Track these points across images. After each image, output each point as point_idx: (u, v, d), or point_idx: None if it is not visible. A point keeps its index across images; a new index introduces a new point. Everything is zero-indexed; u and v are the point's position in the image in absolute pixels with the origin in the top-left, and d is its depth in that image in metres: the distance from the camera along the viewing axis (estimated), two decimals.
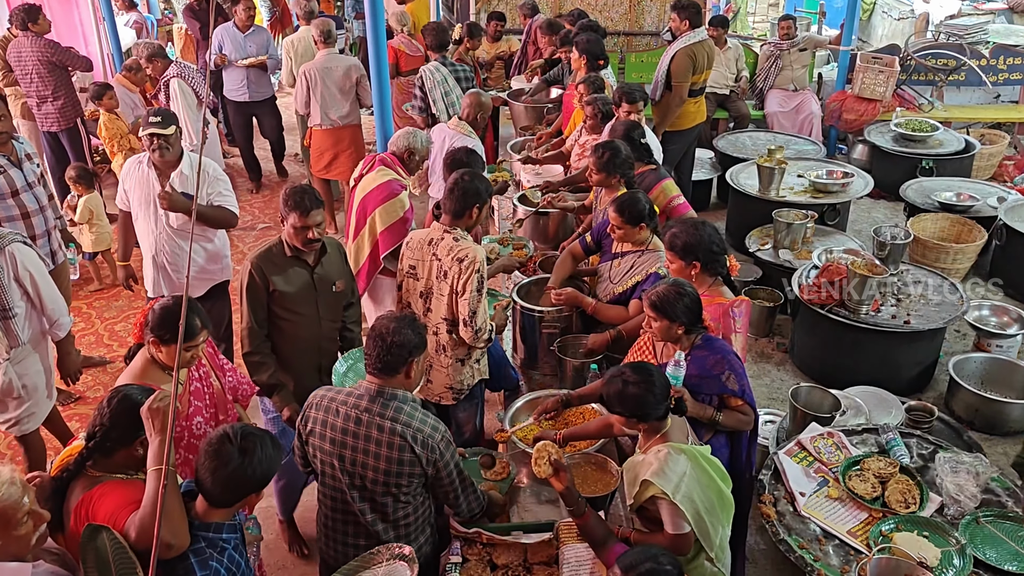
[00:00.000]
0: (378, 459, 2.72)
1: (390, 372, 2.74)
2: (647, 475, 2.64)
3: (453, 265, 3.53)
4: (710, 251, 3.38)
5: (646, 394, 2.65)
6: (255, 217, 8.06)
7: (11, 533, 2.14)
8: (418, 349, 2.76)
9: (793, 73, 8.49)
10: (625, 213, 3.76)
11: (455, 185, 3.62)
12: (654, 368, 2.77)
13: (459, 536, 2.94)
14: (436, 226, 3.67)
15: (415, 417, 2.73)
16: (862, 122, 8.20)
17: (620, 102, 5.02)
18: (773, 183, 6.44)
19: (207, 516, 2.39)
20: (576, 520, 2.73)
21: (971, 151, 7.50)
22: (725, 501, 2.72)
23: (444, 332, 3.67)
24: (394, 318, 2.77)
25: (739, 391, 3.10)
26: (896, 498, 3.31)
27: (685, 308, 3.05)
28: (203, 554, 2.35)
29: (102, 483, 2.46)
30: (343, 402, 2.78)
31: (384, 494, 2.77)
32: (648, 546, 2.45)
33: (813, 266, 5.38)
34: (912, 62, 8.62)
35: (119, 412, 2.48)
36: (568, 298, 3.96)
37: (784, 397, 4.52)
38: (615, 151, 4.20)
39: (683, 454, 2.65)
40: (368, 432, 2.72)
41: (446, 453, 2.75)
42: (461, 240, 3.59)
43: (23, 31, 6.80)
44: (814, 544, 3.19)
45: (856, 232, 6.75)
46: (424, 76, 6.49)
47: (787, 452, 3.62)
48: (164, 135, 4.35)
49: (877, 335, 4.86)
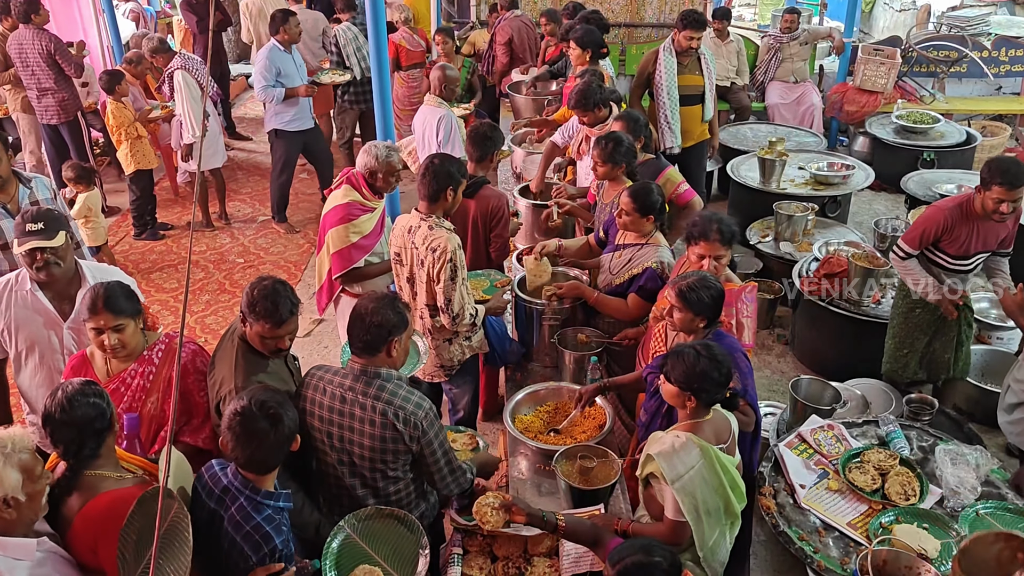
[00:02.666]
0: (363, 436, 2.77)
1: (372, 351, 2.78)
2: (653, 451, 2.67)
3: (428, 255, 3.58)
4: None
5: (712, 371, 2.67)
6: (255, 210, 8.06)
7: (33, 485, 2.27)
8: (398, 328, 2.80)
9: (793, 65, 8.47)
10: (638, 201, 3.78)
11: (427, 170, 3.63)
12: (724, 352, 2.79)
13: (460, 528, 2.95)
14: (414, 214, 3.70)
15: (397, 395, 2.77)
16: (863, 114, 8.18)
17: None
18: (774, 175, 6.44)
19: (262, 484, 2.47)
20: (554, 534, 2.76)
21: (972, 143, 7.49)
22: (732, 513, 2.72)
23: (428, 316, 3.77)
24: (374, 299, 2.83)
25: (741, 390, 3.09)
26: (896, 490, 3.32)
27: (712, 301, 3.07)
28: (274, 521, 2.45)
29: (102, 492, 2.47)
30: (330, 381, 2.84)
31: (372, 470, 2.82)
32: (642, 538, 2.46)
33: (814, 258, 5.38)
34: (913, 54, 8.60)
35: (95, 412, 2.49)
36: (570, 290, 3.97)
37: (784, 389, 4.53)
38: (618, 141, 4.20)
39: (699, 448, 2.66)
40: (352, 410, 2.78)
41: (429, 431, 2.77)
42: (436, 228, 3.60)
43: (24, 23, 6.79)
44: (814, 536, 3.19)
45: (857, 224, 6.75)
46: (338, 35, 7.61)
47: (787, 444, 3.63)
48: (51, 248, 3.24)
49: (878, 327, 4.86)
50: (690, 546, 2.68)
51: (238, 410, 2.42)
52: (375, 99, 4.65)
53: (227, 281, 6.70)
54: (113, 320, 2.95)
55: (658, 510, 2.77)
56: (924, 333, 4.42)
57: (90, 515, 2.42)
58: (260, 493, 2.46)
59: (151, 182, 7.26)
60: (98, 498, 2.45)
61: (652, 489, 2.78)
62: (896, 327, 4.52)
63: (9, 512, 2.24)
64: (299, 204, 8.17)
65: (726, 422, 2.84)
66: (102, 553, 2.42)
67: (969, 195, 4.12)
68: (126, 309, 2.99)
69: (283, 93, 6.68)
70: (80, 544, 2.43)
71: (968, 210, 4.09)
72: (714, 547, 2.71)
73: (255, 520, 2.42)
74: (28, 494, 2.26)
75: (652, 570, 2.22)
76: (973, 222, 4.09)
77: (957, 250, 4.14)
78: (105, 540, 2.41)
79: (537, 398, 3.72)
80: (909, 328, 4.45)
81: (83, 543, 2.43)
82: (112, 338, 2.96)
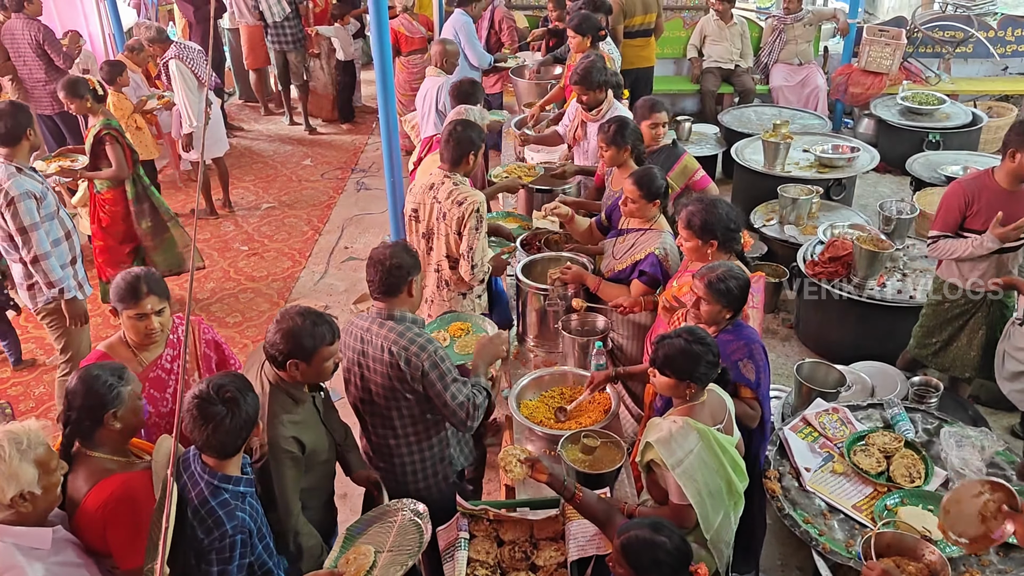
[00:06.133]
0: (375, 373, 3.00)
1: (393, 292, 3.00)
2: (652, 439, 2.68)
3: (453, 207, 3.84)
4: (727, 229, 3.36)
5: (706, 354, 2.67)
6: (259, 197, 8.06)
7: (49, 478, 2.29)
8: (415, 269, 3.04)
9: (798, 47, 8.42)
10: (644, 187, 3.75)
11: (450, 135, 3.91)
12: (709, 335, 2.79)
13: (466, 513, 2.97)
14: (436, 172, 3.96)
15: (404, 336, 2.94)
16: (868, 96, 8.12)
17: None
18: (778, 158, 6.41)
19: (222, 468, 2.46)
20: (571, 503, 2.76)
21: (978, 124, 7.44)
22: (734, 493, 2.72)
23: (447, 268, 4.00)
24: (388, 246, 3.04)
25: (754, 383, 3.07)
26: (901, 472, 3.32)
27: (740, 292, 3.05)
28: (228, 505, 2.42)
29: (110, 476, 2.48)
30: (358, 325, 3.06)
31: (387, 407, 3.04)
32: (648, 517, 2.47)
33: (819, 241, 5.37)
34: (919, 34, 8.53)
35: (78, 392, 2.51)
36: (573, 276, 3.97)
37: (789, 373, 4.53)
38: (622, 123, 4.19)
39: (696, 432, 2.66)
40: (367, 349, 3.00)
41: (431, 372, 2.91)
42: (460, 185, 3.90)
43: (16, 12, 6.76)
44: (819, 519, 3.20)
45: (862, 207, 6.72)
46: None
47: (792, 428, 3.63)
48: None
49: (882, 310, 4.85)
50: (695, 528, 2.69)
51: (196, 393, 2.42)
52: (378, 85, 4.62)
53: (231, 269, 6.71)
54: (159, 303, 2.99)
55: (661, 495, 2.77)
56: (951, 325, 4.35)
57: (99, 497, 2.43)
58: (217, 477, 2.44)
59: (153, 171, 7.26)
60: (106, 481, 2.46)
61: (655, 475, 2.78)
62: (925, 315, 4.47)
63: (25, 505, 2.26)
64: (303, 191, 8.18)
65: (721, 401, 2.85)
66: (111, 536, 2.43)
67: (988, 169, 4.03)
68: (166, 291, 3.05)
69: None
70: (88, 526, 2.45)
71: (989, 182, 3.96)
72: (720, 528, 2.72)
73: (209, 504, 2.40)
74: (43, 487, 2.28)
75: (656, 549, 2.23)
76: (998, 194, 3.93)
77: (983, 224, 3.95)
78: (115, 523, 2.43)
79: (542, 383, 3.72)
80: (937, 319, 4.38)
81: (92, 526, 2.44)
82: (155, 321, 2.98)
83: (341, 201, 7.92)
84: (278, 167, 8.79)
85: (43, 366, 5.49)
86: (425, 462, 3.18)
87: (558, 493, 2.76)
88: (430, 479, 3.21)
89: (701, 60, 8.63)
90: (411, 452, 3.13)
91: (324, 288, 6.41)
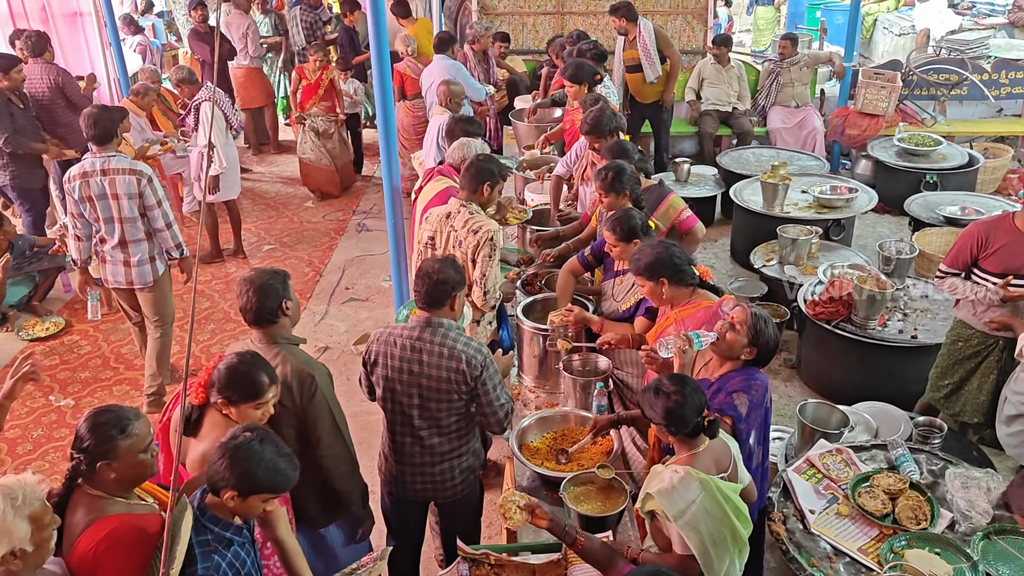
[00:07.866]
0: (429, 378, 3.18)
1: (437, 305, 3.21)
2: (652, 489, 2.63)
3: (468, 236, 3.99)
4: (673, 265, 3.40)
5: (680, 405, 2.64)
6: (260, 238, 8.09)
7: (41, 534, 2.24)
8: (460, 285, 3.25)
9: (794, 90, 8.54)
10: (617, 231, 3.79)
11: (470, 165, 4.11)
12: (691, 381, 2.75)
13: (467, 557, 2.93)
14: (453, 201, 4.12)
15: (460, 340, 3.19)
16: (865, 137, 8.22)
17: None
18: (777, 199, 6.45)
19: (214, 507, 2.44)
20: (572, 548, 2.73)
21: (975, 165, 7.51)
22: (739, 540, 2.67)
23: None
24: (437, 260, 3.25)
25: (739, 416, 2.99)
26: (907, 514, 3.28)
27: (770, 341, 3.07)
28: (207, 546, 2.40)
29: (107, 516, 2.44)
30: (399, 335, 3.24)
31: (438, 402, 3.22)
32: (652, 564, 2.43)
33: (819, 281, 5.38)
34: (914, 77, 8.66)
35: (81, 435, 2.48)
36: (576, 319, 3.96)
37: (792, 413, 4.50)
38: (619, 170, 4.22)
39: (698, 481, 2.61)
40: (421, 357, 3.18)
41: (484, 372, 3.18)
42: (476, 214, 4.04)
43: (34, 58, 6.86)
44: (825, 562, 3.16)
45: (861, 247, 6.75)
46: None
47: (796, 469, 3.60)
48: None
49: (884, 350, 4.85)
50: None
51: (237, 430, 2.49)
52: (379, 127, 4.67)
53: (232, 310, 6.70)
54: (275, 390, 2.93)
55: (665, 542, 2.73)
56: (963, 367, 4.33)
57: (93, 538, 2.39)
58: (206, 515, 2.42)
59: None
60: (102, 521, 2.42)
61: (658, 522, 2.74)
62: (941, 355, 4.47)
63: (16, 563, 2.18)
64: (304, 232, 8.22)
65: (726, 448, 2.79)
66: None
67: (1009, 213, 4.09)
68: (273, 372, 2.95)
69: None
70: (80, 567, 2.40)
71: (1008, 225, 4.00)
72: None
73: (190, 539, 2.37)
74: (36, 543, 2.22)
75: None
76: (1016, 238, 3.96)
77: (997, 266, 3.97)
78: (105, 565, 2.37)
79: (544, 424, 3.71)
80: (951, 359, 4.37)
81: (83, 566, 2.39)
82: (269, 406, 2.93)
83: (342, 243, 7.96)
84: (280, 208, 8.85)
85: (40, 408, 5.46)
86: (464, 456, 3.39)
87: (559, 539, 2.73)
88: (467, 472, 3.43)
89: (699, 103, 8.74)
90: (453, 448, 3.33)
91: (325, 329, 6.40)
